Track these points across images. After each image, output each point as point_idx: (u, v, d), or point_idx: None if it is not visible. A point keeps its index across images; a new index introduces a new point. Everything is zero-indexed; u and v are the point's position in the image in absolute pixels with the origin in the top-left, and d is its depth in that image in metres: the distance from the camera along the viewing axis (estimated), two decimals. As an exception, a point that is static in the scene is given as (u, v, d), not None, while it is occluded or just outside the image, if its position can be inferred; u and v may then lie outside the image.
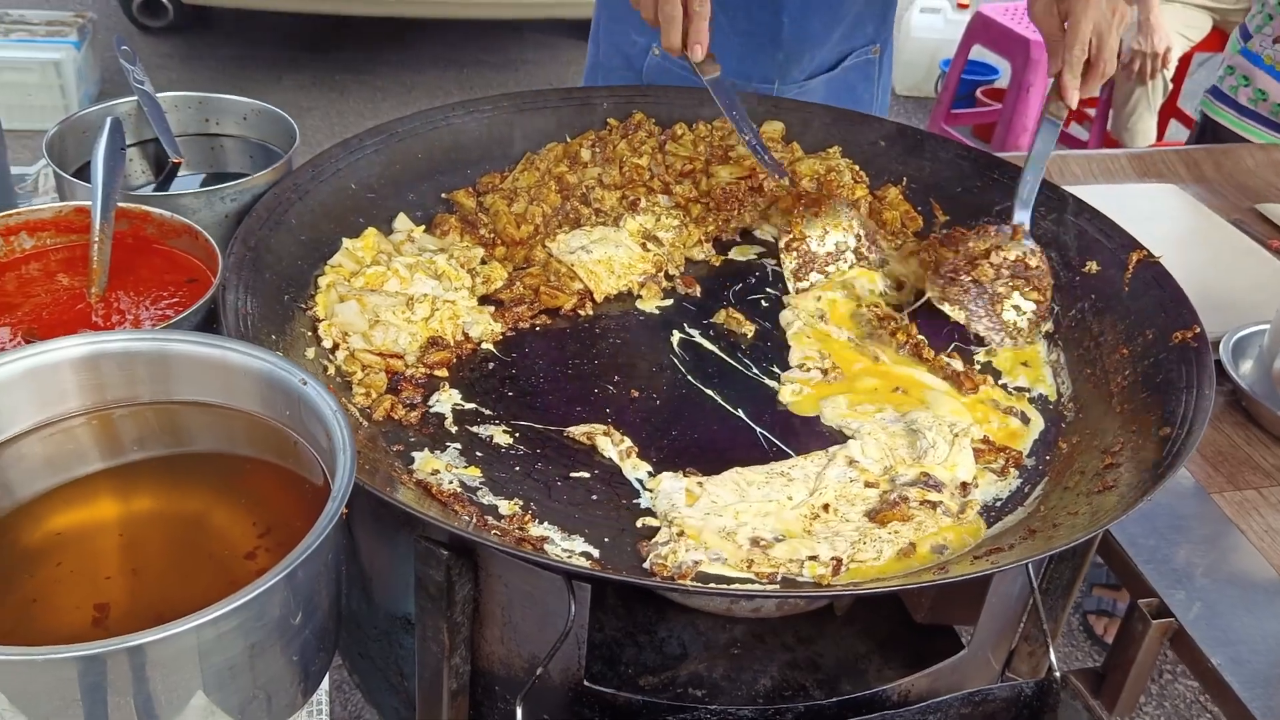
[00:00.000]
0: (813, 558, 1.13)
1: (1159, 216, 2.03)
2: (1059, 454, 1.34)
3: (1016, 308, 1.47)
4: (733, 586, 1.11)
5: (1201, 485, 1.44)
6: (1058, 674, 1.14)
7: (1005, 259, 1.48)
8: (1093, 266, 1.52)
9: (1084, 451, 1.31)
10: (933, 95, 5.88)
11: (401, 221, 1.57)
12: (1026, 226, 1.50)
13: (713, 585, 1.10)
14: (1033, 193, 1.51)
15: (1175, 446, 1.19)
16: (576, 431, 1.28)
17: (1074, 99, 1.44)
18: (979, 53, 5.23)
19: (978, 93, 5.57)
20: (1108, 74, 1.44)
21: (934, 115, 5.31)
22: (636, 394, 1.36)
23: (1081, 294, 1.51)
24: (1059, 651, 1.17)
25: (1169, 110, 4.85)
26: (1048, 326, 1.50)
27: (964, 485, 1.25)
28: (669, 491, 1.21)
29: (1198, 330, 1.35)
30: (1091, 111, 5.14)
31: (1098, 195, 1.65)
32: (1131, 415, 1.31)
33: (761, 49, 1.95)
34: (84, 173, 1.41)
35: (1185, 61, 4.67)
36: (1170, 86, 4.64)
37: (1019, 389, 1.43)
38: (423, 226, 1.58)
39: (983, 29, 5.04)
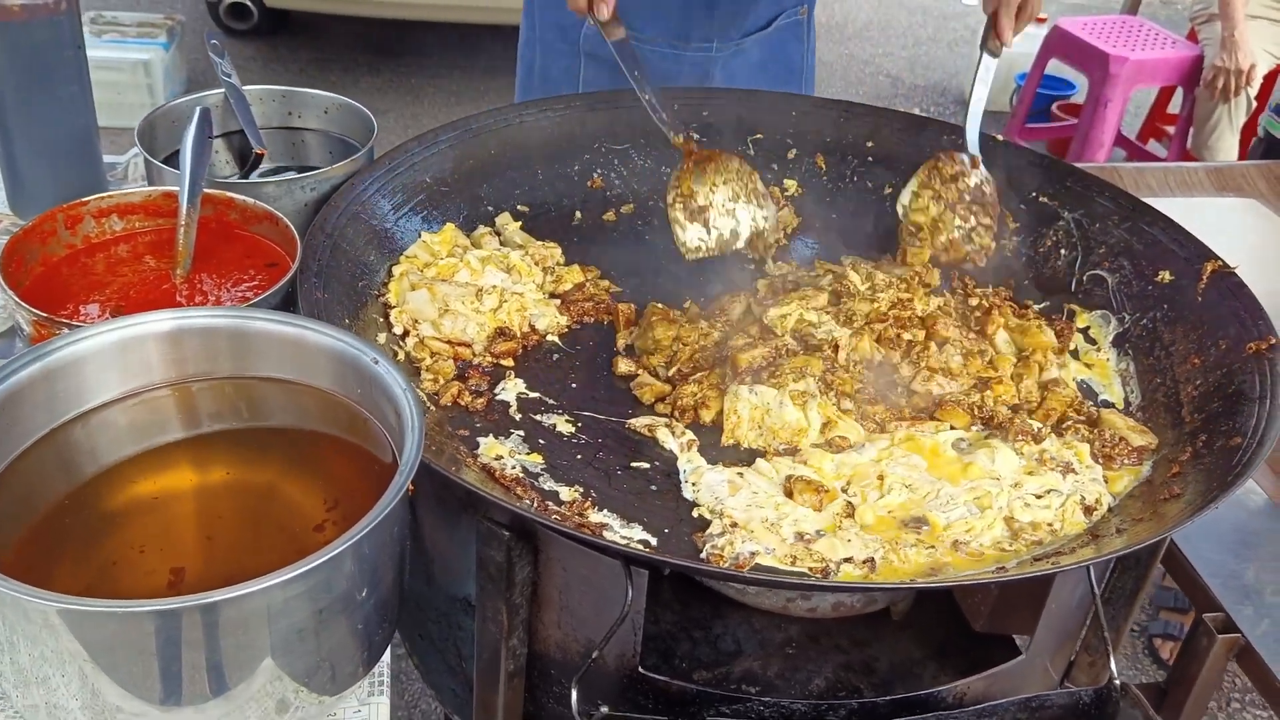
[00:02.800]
0: (848, 559, 1.13)
1: (1236, 229, 1.99)
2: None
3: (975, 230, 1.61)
4: (787, 578, 1.12)
5: (1274, 502, 1.41)
6: (1118, 683, 1.12)
7: (968, 185, 1.61)
8: (1165, 276, 1.50)
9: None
10: (1007, 109, 5.79)
11: (504, 218, 1.61)
12: (980, 158, 1.64)
13: (766, 575, 1.11)
14: (977, 127, 1.66)
15: (1245, 456, 1.16)
16: (638, 423, 1.30)
17: (1009, 37, 1.62)
18: (1055, 67, 5.15)
19: (1053, 107, 5.48)
20: (1033, 15, 1.61)
21: (1008, 129, 5.24)
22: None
23: (1154, 303, 1.49)
24: (1122, 672, 1.15)
25: (1251, 128, 4.73)
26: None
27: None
28: (712, 484, 1.22)
29: (1274, 341, 1.32)
30: (1170, 129, 5.04)
31: (1174, 208, 1.62)
32: (1201, 425, 1.29)
33: (699, 9, 1.96)
34: (172, 160, 1.47)
35: (1270, 79, 4.56)
36: (1254, 104, 4.53)
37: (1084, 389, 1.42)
38: (519, 223, 1.61)
39: (1060, 43, 4.96)
